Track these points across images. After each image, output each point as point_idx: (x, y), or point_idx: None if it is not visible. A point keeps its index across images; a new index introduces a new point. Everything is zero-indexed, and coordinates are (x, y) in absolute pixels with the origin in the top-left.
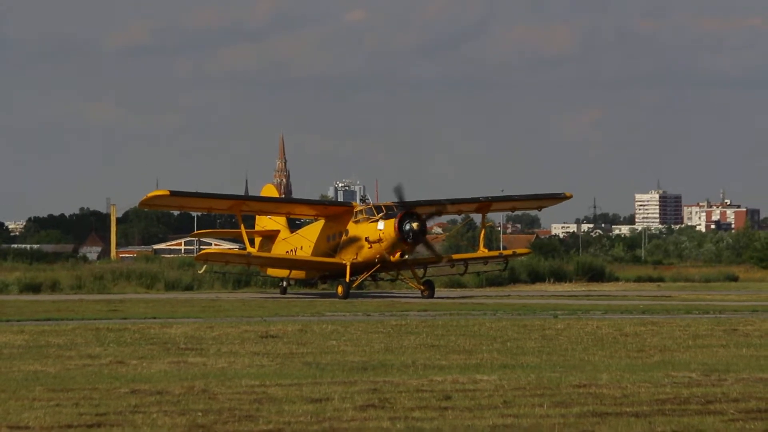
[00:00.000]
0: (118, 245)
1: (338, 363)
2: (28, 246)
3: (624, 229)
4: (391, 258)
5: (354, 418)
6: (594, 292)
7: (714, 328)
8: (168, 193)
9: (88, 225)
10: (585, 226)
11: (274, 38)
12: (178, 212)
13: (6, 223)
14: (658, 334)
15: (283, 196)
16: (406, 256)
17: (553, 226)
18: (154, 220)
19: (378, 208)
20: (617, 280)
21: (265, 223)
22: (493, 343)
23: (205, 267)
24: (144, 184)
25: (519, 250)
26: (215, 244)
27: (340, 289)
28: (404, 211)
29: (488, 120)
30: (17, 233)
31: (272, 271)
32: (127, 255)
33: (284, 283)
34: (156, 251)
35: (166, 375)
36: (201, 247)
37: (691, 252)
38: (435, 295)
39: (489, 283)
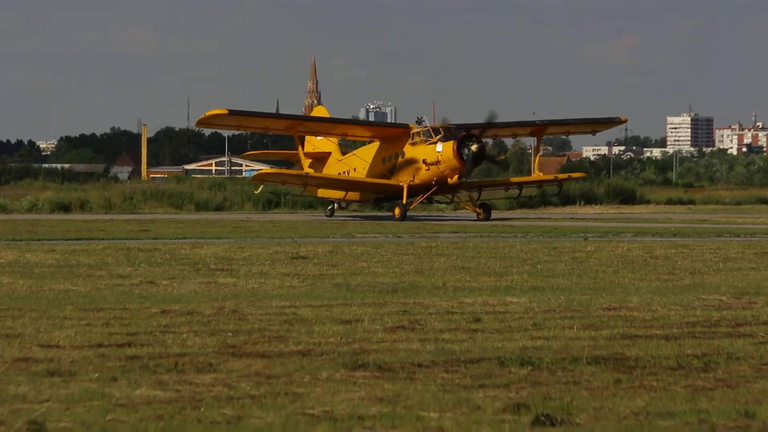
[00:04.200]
0: (149, 165)
1: (368, 284)
2: (59, 165)
3: (655, 152)
4: (449, 180)
5: (384, 339)
6: (625, 215)
7: (745, 251)
8: (227, 112)
9: (119, 145)
10: (616, 149)
11: None
12: (209, 132)
13: (38, 143)
14: (689, 257)
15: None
16: (464, 179)
17: (584, 148)
18: (185, 141)
19: (436, 130)
20: (648, 202)
21: (316, 143)
22: (523, 266)
23: (261, 188)
24: (174, 106)
25: (574, 174)
26: (246, 166)
27: (397, 211)
28: (464, 132)
29: (520, 45)
30: (49, 153)
31: (324, 193)
32: (157, 175)
33: (335, 206)
34: (187, 171)
35: (197, 295)
36: (231, 167)
37: (722, 175)
38: (491, 217)
39: (519, 205)
